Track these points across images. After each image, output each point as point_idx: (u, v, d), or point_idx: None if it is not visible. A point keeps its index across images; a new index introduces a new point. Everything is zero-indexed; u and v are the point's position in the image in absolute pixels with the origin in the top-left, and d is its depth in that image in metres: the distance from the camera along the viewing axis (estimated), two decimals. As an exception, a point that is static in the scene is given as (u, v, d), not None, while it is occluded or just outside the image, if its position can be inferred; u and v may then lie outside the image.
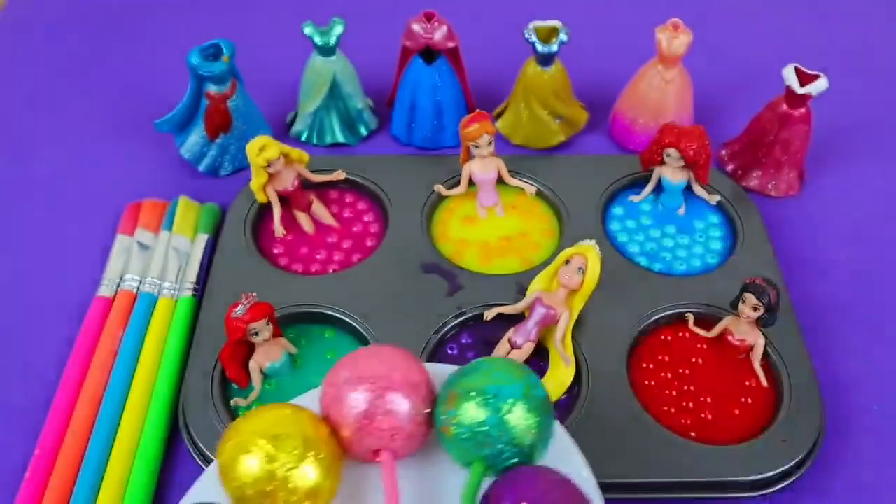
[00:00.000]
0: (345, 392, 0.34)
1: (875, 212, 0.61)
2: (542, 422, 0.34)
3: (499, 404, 0.33)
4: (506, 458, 0.33)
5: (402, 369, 0.35)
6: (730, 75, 0.73)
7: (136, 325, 0.51)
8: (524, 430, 0.33)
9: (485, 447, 0.33)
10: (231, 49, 0.58)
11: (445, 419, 0.34)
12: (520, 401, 0.33)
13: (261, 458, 0.32)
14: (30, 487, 0.44)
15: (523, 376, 0.34)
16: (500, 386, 0.33)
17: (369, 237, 0.57)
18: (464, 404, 0.33)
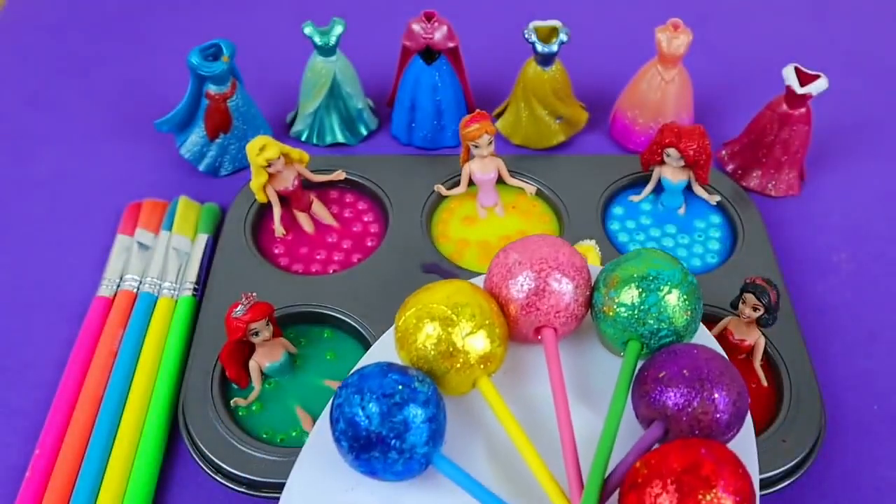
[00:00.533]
0: (516, 272, 0.38)
1: (875, 212, 0.61)
2: (695, 305, 0.37)
3: (659, 286, 0.36)
4: (661, 336, 0.37)
5: (566, 253, 0.38)
6: (730, 75, 0.73)
7: (136, 325, 0.51)
8: (680, 310, 0.37)
9: (643, 326, 0.36)
10: (231, 49, 0.58)
11: (608, 300, 0.37)
12: (677, 285, 0.37)
13: (444, 323, 0.36)
14: (30, 487, 0.44)
15: (678, 263, 0.38)
16: (659, 270, 0.37)
17: (369, 237, 0.57)
18: (627, 286, 0.37)
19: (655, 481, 0.30)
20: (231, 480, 0.44)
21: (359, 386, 0.34)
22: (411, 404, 0.34)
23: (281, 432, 0.46)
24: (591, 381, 0.40)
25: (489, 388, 0.36)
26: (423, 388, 0.34)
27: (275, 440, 0.46)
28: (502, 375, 0.39)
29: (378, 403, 0.33)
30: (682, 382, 0.34)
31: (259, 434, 0.46)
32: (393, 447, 0.33)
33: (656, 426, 0.35)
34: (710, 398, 0.34)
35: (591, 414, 0.38)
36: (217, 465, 0.44)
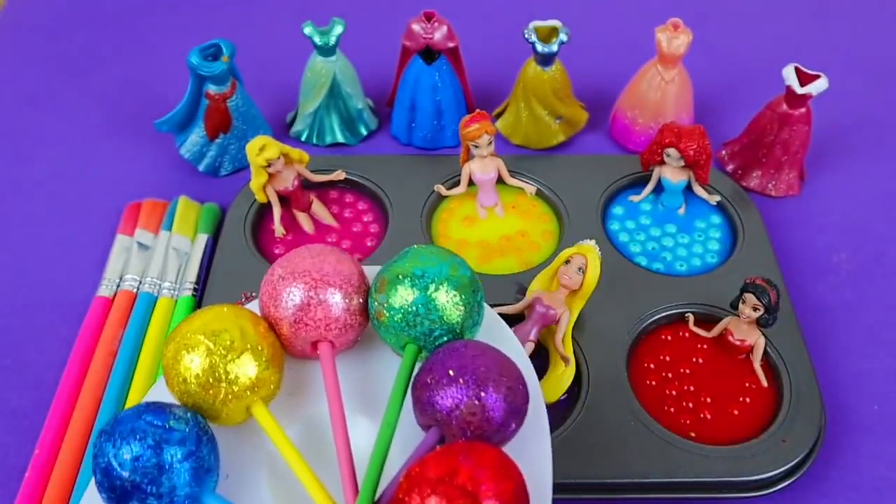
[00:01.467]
0: (280, 288, 0.36)
1: (875, 212, 0.61)
2: (467, 299, 0.36)
3: (426, 284, 0.35)
4: (436, 336, 0.35)
5: (331, 262, 0.36)
6: (730, 75, 0.73)
7: (136, 324, 0.51)
8: (451, 307, 0.35)
9: (415, 327, 0.35)
10: (231, 49, 0.58)
11: (378, 305, 0.36)
12: (445, 280, 0.35)
13: (201, 353, 0.34)
14: (30, 487, 0.44)
15: (448, 258, 0.36)
16: (425, 268, 0.35)
17: (369, 237, 0.57)
18: (393, 288, 0.35)
19: (413, 494, 0.29)
20: (231, 480, 0.44)
21: (111, 432, 0.32)
22: (165, 445, 0.31)
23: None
24: (379, 391, 0.38)
25: (263, 413, 0.35)
26: (180, 426, 0.32)
27: (274, 440, 0.46)
28: (287, 397, 0.37)
29: (129, 448, 0.31)
30: (449, 383, 0.33)
31: (259, 434, 0.46)
32: (150, 493, 0.31)
33: (432, 432, 0.33)
34: (476, 397, 0.32)
35: (375, 425, 0.36)
36: (217, 465, 0.44)
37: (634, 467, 0.44)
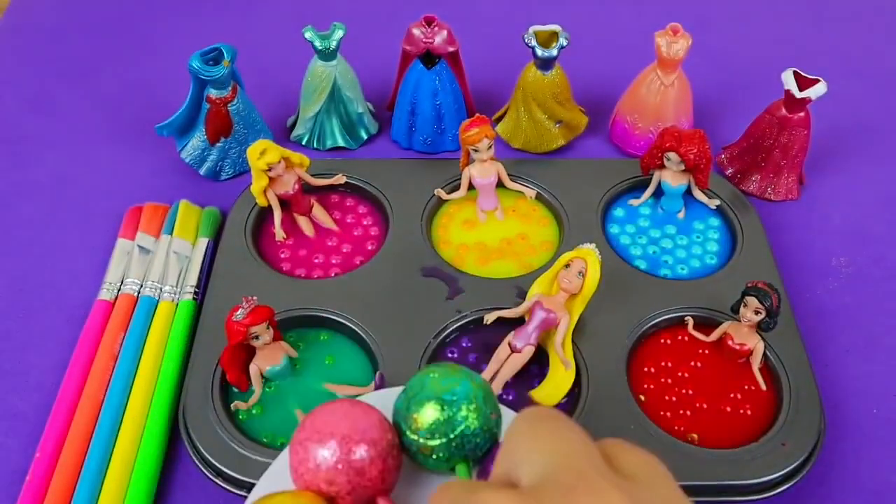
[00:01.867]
0: (324, 463, 0.33)
1: (874, 215, 0.61)
2: (493, 403, 0.35)
3: (457, 411, 0.34)
4: (480, 446, 0.35)
5: (361, 417, 0.35)
6: (729, 79, 0.73)
7: (137, 328, 0.52)
8: (486, 418, 0.35)
9: (462, 448, 0.34)
10: (232, 53, 0.58)
11: (418, 442, 0.35)
12: (472, 397, 0.35)
13: None
14: (31, 490, 0.44)
15: (464, 372, 0.36)
16: (452, 390, 0.35)
17: (370, 241, 0.57)
18: (429, 425, 0.34)
19: None
20: (231, 484, 0.44)
21: None
22: None
23: (281, 435, 0.46)
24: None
25: None
26: None
27: (275, 443, 0.46)
28: None
29: None
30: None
31: (259, 437, 0.46)
32: None
33: None
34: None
35: None
36: (217, 468, 0.44)
37: (634, 471, 0.44)
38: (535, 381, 0.49)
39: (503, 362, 0.48)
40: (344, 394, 0.48)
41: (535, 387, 0.48)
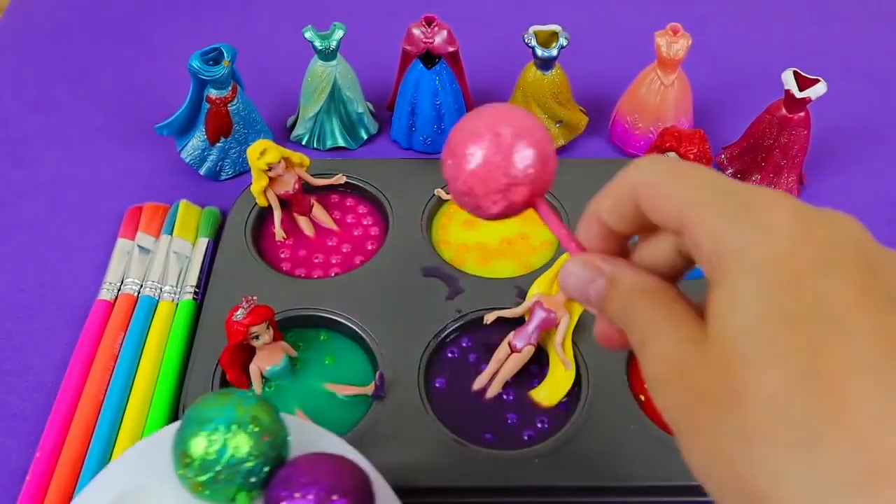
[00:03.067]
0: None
1: (874, 215, 0.61)
2: (268, 424, 0.35)
3: (223, 437, 0.34)
4: (258, 472, 0.34)
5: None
6: (729, 79, 0.73)
7: (137, 328, 0.52)
8: (256, 443, 0.34)
9: (235, 478, 0.34)
10: (232, 53, 0.58)
11: (189, 478, 0.34)
12: (235, 423, 0.34)
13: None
14: (31, 490, 0.44)
15: (232, 398, 0.35)
16: (214, 420, 0.34)
17: (370, 241, 0.57)
18: (193, 456, 0.34)
19: None
20: (231, 484, 0.44)
21: None
22: None
23: (281, 436, 0.46)
24: None
25: None
26: None
27: (275, 443, 0.46)
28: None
29: None
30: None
31: (259, 437, 0.46)
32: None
33: None
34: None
35: None
36: (217, 468, 0.44)
37: (634, 471, 0.44)
38: (534, 381, 0.49)
39: (503, 362, 0.48)
40: (344, 394, 0.48)
41: (535, 387, 0.49)
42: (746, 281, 0.22)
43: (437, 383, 0.49)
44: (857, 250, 0.23)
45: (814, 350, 0.20)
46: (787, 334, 0.21)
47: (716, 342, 0.22)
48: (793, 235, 0.22)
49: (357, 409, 0.47)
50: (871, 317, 0.21)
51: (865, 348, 0.20)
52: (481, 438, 0.46)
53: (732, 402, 0.21)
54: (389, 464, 0.44)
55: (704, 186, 0.23)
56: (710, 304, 0.23)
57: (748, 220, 0.22)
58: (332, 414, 0.47)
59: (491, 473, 0.44)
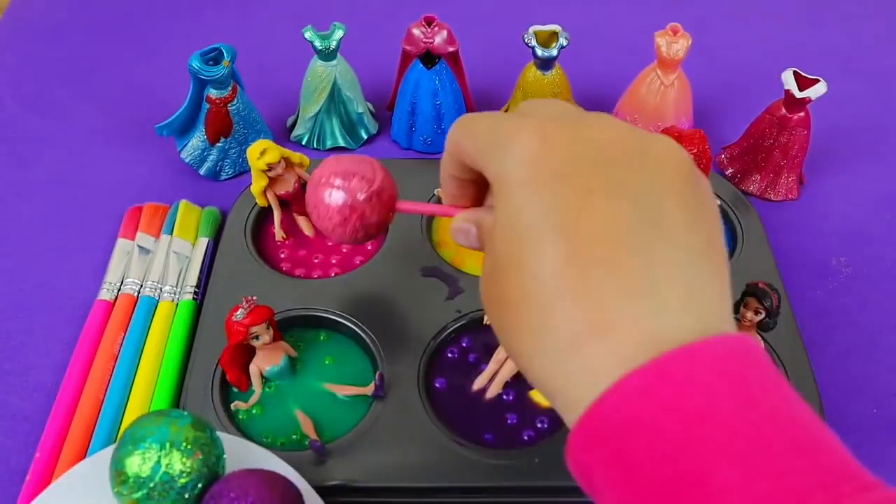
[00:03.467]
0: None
1: (874, 215, 0.61)
2: (200, 445, 0.36)
3: (157, 455, 0.35)
4: (192, 488, 0.36)
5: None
6: (729, 79, 0.73)
7: (137, 328, 0.52)
8: (189, 460, 0.36)
9: (170, 494, 0.35)
10: (232, 53, 0.58)
11: (124, 496, 0.36)
12: (168, 441, 0.36)
13: None
14: (31, 489, 0.44)
15: (167, 417, 0.37)
16: (149, 439, 0.36)
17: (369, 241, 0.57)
18: (129, 473, 0.35)
19: None
20: (231, 484, 0.44)
21: None
22: None
23: (281, 435, 0.46)
24: None
25: None
26: None
27: (275, 443, 0.46)
28: None
29: None
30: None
31: (259, 437, 0.46)
32: None
33: None
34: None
35: None
36: (217, 468, 0.44)
37: (634, 471, 0.44)
38: (535, 381, 0.49)
39: (503, 362, 0.48)
40: (344, 394, 0.48)
41: (534, 387, 0.48)
42: (501, 203, 0.28)
43: (437, 383, 0.49)
44: (592, 162, 0.28)
45: (517, 260, 0.27)
46: (520, 242, 0.27)
47: (496, 268, 0.29)
48: (534, 159, 0.28)
49: (357, 409, 0.47)
50: (572, 217, 0.27)
51: (564, 254, 0.26)
52: (481, 438, 0.46)
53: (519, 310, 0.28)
54: (389, 464, 0.44)
55: (482, 133, 0.30)
56: (495, 218, 0.29)
57: (503, 154, 0.28)
58: (332, 414, 0.47)
59: (491, 473, 0.44)
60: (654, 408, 0.24)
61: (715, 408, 0.24)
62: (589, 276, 0.26)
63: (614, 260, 0.26)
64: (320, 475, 0.44)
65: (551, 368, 0.27)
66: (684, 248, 0.27)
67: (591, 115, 0.30)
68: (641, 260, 0.26)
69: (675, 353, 0.24)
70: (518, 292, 0.28)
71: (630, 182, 0.28)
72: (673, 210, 0.28)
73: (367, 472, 0.44)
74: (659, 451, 0.24)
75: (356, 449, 0.45)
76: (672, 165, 0.29)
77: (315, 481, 0.43)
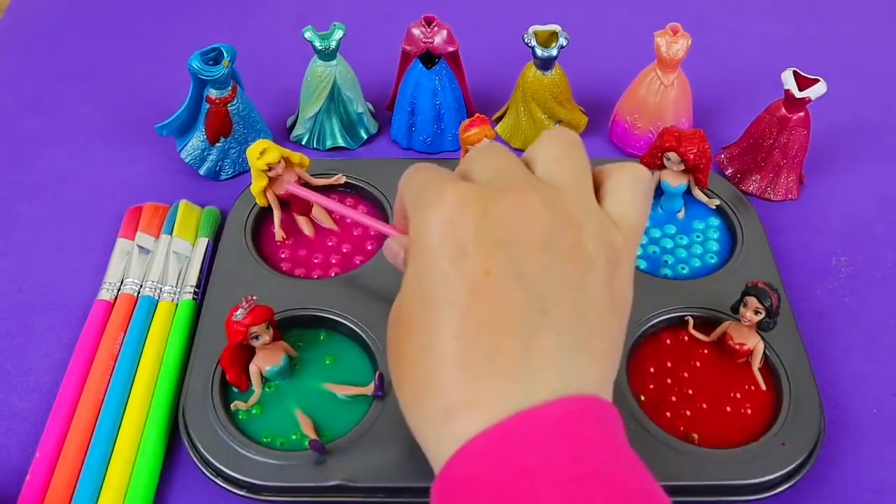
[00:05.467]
0: None
1: (874, 215, 0.61)
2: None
3: None
4: None
5: None
6: (729, 79, 0.73)
7: (137, 328, 0.52)
8: None
9: None
10: (232, 53, 0.58)
11: None
12: None
13: None
14: (31, 490, 0.44)
15: None
16: None
17: (369, 241, 0.57)
18: None
19: None
20: (231, 484, 0.44)
21: None
22: None
23: (281, 435, 0.46)
24: None
25: None
26: None
27: (275, 443, 0.46)
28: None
29: None
30: None
31: (259, 437, 0.46)
32: None
33: None
34: None
35: None
36: (217, 468, 0.44)
37: (634, 471, 0.44)
38: (534, 381, 0.49)
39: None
40: (344, 394, 0.48)
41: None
42: (412, 261, 0.31)
43: (436, 383, 0.49)
44: (497, 242, 0.29)
45: (417, 320, 0.30)
46: (422, 305, 0.30)
47: (399, 317, 0.32)
48: (443, 231, 0.30)
49: (357, 409, 0.47)
50: (466, 296, 0.29)
51: (454, 330, 0.29)
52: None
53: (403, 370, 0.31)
54: (389, 464, 0.44)
55: (415, 188, 0.32)
56: (405, 272, 0.32)
57: (423, 216, 0.31)
58: (331, 414, 0.47)
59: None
60: (492, 466, 0.26)
61: (544, 464, 0.26)
62: (471, 355, 0.28)
63: (496, 343, 0.28)
64: (320, 475, 0.44)
65: (426, 430, 0.30)
66: (567, 336, 0.29)
67: (521, 183, 0.31)
68: (521, 346, 0.28)
69: (517, 416, 0.27)
70: (414, 350, 0.30)
71: (529, 268, 0.29)
72: (565, 300, 0.29)
73: (367, 471, 0.44)
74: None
75: (356, 449, 0.45)
76: (583, 258, 0.30)
77: (315, 481, 0.43)
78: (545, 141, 0.34)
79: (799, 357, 0.49)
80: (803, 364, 0.49)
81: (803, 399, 0.47)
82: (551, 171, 0.32)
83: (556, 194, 0.31)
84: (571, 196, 0.31)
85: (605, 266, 0.30)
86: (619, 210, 0.33)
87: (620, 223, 0.32)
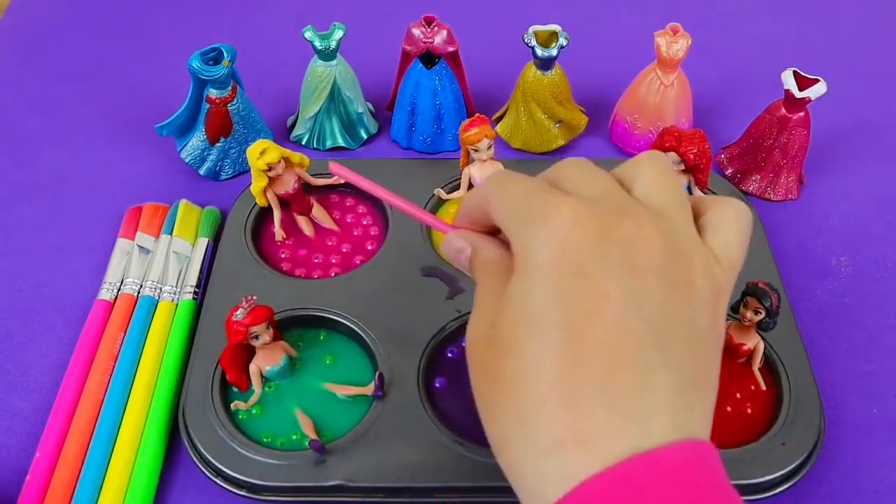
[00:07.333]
0: None
1: (874, 215, 0.61)
2: None
3: None
4: None
5: None
6: (729, 79, 0.73)
7: (137, 328, 0.52)
8: None
9: None
10: (232, 53, 0.58)
11: None
12: None
13: None
14: (31, 490, 0.44)
15: None
16: None
17: (369, 241, 0.57)
18: None
19: None
20: (232, 484, 0.44)
21: None
22: None
23: (281, 435, 0.46)
24: None
25: None
26: None
27: (275, 443, 0.46)
28: None
29: None
30: None
31: (259, 437, 0.46)
32: None
33: None
34: None
35: None
36: (217, 468, 0.44)
37: (634, 470, 0.44)
38: (534, 381, 0.49)
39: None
40: (344, 394, 0.48)
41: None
42: (519, 278, 0.29)
43: (436, 383, 0.49)
44: (616, 266, 0.28)
45: (521, 342, 0.28)
46: (528, 326, 0.28)
47: (496, 336, 0.29)
48: (561, 248, 0.28)
49: (357, 409, 0.47)
50: (581, 318, 0.27)
51: (566, 356, 0.27)
52: (481, 438, 0.46)
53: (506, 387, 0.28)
54: (389, 464, 0.44)
55: (516, 198, 0.30)
56: (508, 289, 0.29)
57: (534, 231, 0.28)
58: (331, 414, 0.47)
59: (491, 473, 0.44)
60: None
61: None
62: (585, 385, 0.26)
63: (612, 376, 0.26)
64: (320, 475, 0.44)
65: (524, 461, 0.28)
66: (679, 375, 0.27)
67: (632, 206, 0.29)
68: (638, 382, 0.27)
69: (634, 459, 0.25)
70: (514, 373, 0.28)
71: (648, 298, 0.27)
72: (680, 336, 0.28)
73: (366, 471, 0.44)
74: None
75: (356, 449, 0.45)
76: (694, 293, 0.29)
77: (315, 481, 0.43)
78: (644, 162, 0.32)
79: (799, 357, 0.49)
80: (803, 364, 0.49)
81: (803, 399, 0.47)
82: (653, 195, 0.31)
83: (665, 222, 0.29)
84: (678, 225, 0.30)
85: (710, 303, 0.29)
86: (722, 246, 0.31)
87: (722, 260, 0.31)
